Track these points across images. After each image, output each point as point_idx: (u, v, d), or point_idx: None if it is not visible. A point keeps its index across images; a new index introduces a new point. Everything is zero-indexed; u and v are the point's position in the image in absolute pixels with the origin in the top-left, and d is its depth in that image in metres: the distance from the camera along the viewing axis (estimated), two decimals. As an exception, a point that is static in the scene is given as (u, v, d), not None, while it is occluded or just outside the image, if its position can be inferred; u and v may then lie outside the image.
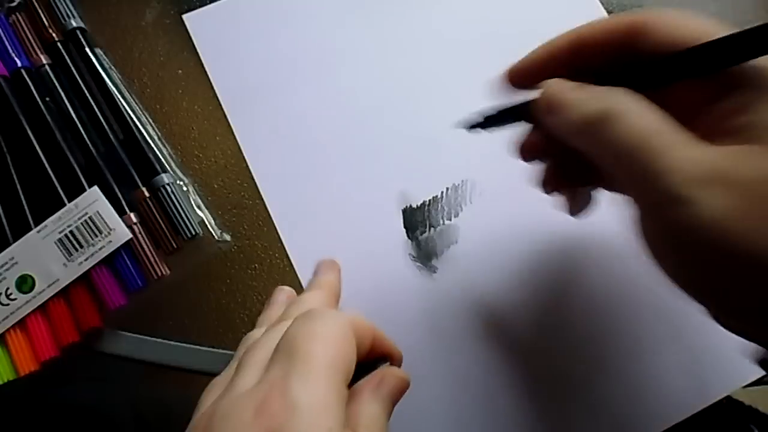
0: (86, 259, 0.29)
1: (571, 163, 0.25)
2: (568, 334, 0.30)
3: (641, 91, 0.21)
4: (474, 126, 0.27)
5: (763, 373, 0.29)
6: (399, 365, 0.26)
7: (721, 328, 0.21)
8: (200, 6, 0.37)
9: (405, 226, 0.32)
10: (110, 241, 0.30)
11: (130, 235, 0.30)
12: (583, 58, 0.23)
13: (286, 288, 0.30)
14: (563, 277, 0.31)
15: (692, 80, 0.21)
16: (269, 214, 0.33)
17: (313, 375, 0.19)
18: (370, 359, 0.24)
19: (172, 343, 0.31)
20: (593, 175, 0.25)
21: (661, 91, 0.21)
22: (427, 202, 0.33)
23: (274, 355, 0.20)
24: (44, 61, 0.33)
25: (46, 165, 0.31)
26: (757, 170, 0.18)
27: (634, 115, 0.20)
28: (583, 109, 0.21)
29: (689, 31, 0.20)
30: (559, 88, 0.22)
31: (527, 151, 0.26)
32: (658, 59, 0.21)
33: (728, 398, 0.28)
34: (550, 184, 0.27)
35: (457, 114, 0.34)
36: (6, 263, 0.29)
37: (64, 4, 0.34)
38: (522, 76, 0.24)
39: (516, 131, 0.26)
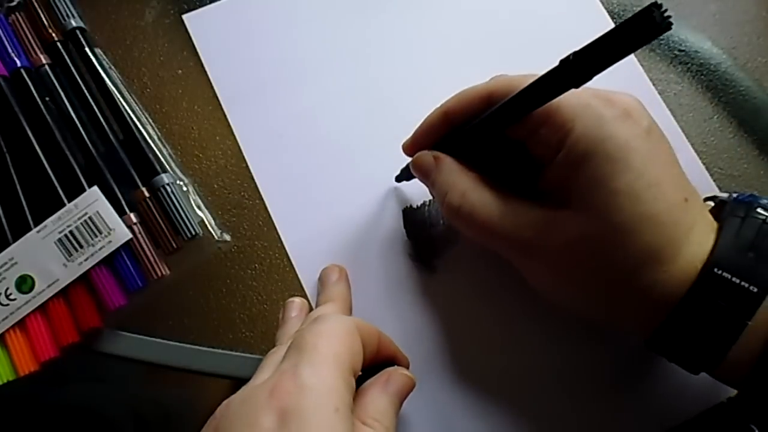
0: (86, 259, 0.29)
1: None
2: (569, 334, 0.30)
3: (484, 145, 0.27)
4: (400, 179, 0.32)
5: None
6: (406, 368, 0.27)
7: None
8: (200, 6, 0.37)
9: (405, 226, 0.32)
10: (110, 241, 0.30)
11: (130, 235, 0.30)
12: (453, 122, 0.27)
13: (297, 300, 0.30)
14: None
15: (536, 140, 0.25)
16: (269, 214, 0.33)
17: (320, 362, 0.21)
18: (378, 363, 0.25)
19: (172, 343, 0.31)
20: None
21: (524, 144, 0.26)
22: (427, 202, 0.33)
23: (285, 354, 0.23)
24: (44, 61, 0.33)
25: (46, 165, 0.31)
26: (561, 240, 0.23)
27: (473, 209, 0.25)
28: (440, 203, 0.27)
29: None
30: (420, 163, 0.28)
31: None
32: (478, 120, 0.26)
33: (728, 398, 0.28)
34: None
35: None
36: (6, 263, 0.29)
37: (63, 4, 0.34)
38: (413, 147, 0.29)
39: None
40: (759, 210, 0.23)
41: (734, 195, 0.25)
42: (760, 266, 0.21)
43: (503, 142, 0.27)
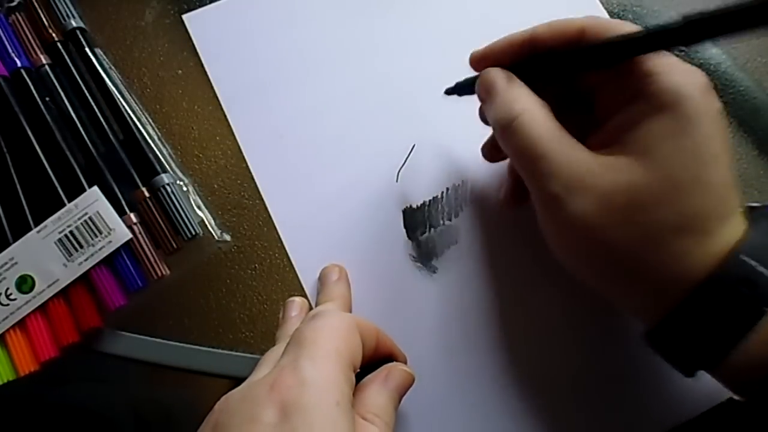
0: (86, 260, 0.29)
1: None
2: (570, 334, 0.30)
3: (560, 82, 0.26)
4: (450, 92, 0.31)
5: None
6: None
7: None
8: (200, 6, 0.37)
9: (405, 226, 0.32)
10: (110, 242, 0.30)
11: (130, 235, 0.30)
12: (539, 47, 0.26)
13: (297, 299, 0.31)
14: (564, 277, 0.31)
15: (610, 88, 0.25)
16: (269, 214, 0.33)
17: (320, 356, 0.21)
18: (376, 360, 0.25)
19: (172, 343, 0.31)
20: None
21: (586, 95, 0.26)
22: (427, 202, 0.33)
23: (285, 349, 0.23)
24: (44, 61, 0.33)
25: (46, 165, 0.31)
26: (614, 182, 0.23)
27: (532, 124, 0.24)
28: (497, 114, 0.26)
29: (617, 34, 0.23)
30: (491, 77, 0.27)
31: (489, 150, 0.31)
32: (568, 52, 0.25)
33: (728, 398, 0.28)
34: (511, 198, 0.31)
35: (457, 113, 0.34)
36: (6, 263, 0.29)
37: (63, 4, 0.34)
38: (484, 62, 0.28)
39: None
40: None
41: (766, 204, 0.25)
42: None
43: (571, 86, 0.26)
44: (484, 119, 0.29)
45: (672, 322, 0.23)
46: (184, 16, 0.36)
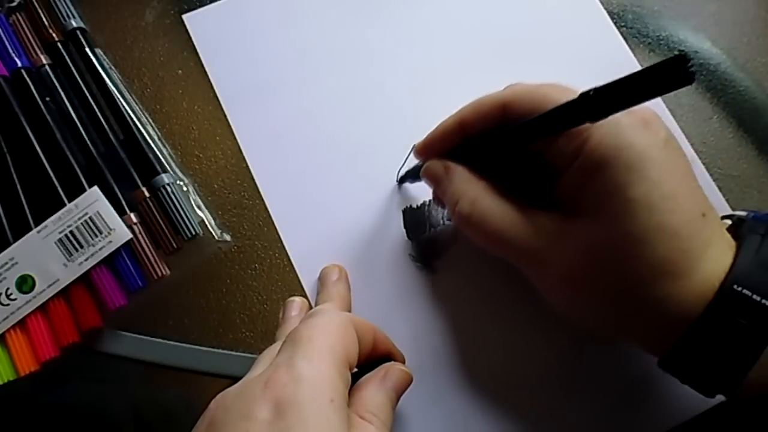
0: (86, 259, 0.29)
1: None
2: (570, 333, 0.30)
3: (504, 152, 0.26)
4: (402, 181, 0.33)
5: None
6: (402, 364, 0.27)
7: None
8: (200, 6, 0.37)
9: (405, 226, 0.32)
10: (110, 241, 0.30)
11: (130, 235, 0.30)
12: (468, 131, 0.27)
13: (297, 299, 0.31)
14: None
15: (553, 149, 0.24)
16: (269, 214, 0.33)
17: (316, 354, 0.21)
18: (374, 359, 0.25)
19: (172, 343, 0.31)
20: None
21: (540, 152, 0.25)
22: (427, 202, 0.33)
23: (280, 348, 0.23)
24: (44, 61, 0.33)
25: (46, 165, 0.31)
26: (575, 248, 0.23)
27: (484, 218, 0.25)
28: (449, 212, 0.27)
29: (542, 103, 0.24)
30: (431, 171, 0.28)
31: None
32: (493, 133, 0.26)
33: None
34: None
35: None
36: (6, 263, 0.29)
37: (64, 4, 0.34)
38: (425, 152, 0.29)
39: None
40: None
41: (752, 213, 0.24)
42: None
43: (518, 151, 0.26)
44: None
45: (677, 355, 0.22)
46: (184, 16, 0.36)
